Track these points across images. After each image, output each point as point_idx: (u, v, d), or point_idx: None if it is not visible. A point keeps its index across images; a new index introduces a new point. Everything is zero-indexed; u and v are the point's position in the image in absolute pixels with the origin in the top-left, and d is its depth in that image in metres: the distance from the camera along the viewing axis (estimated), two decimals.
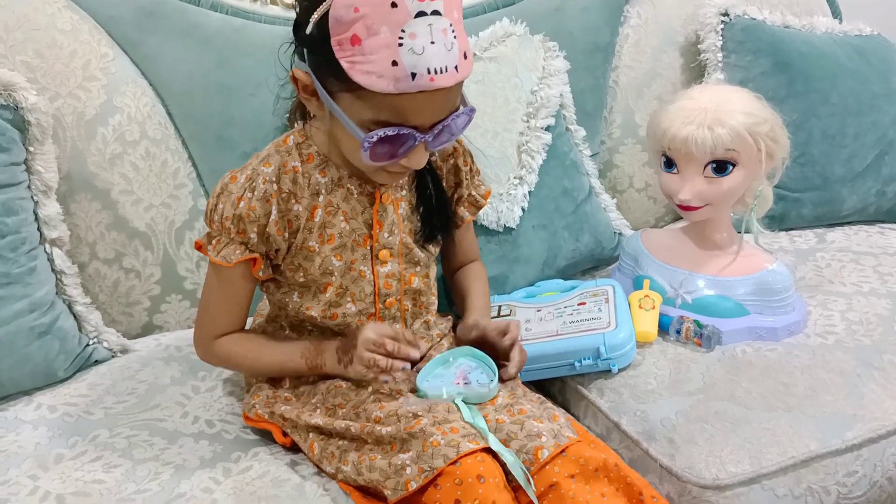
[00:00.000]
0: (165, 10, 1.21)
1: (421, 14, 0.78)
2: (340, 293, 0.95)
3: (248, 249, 0.91)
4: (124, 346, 1.16)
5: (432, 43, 0.78)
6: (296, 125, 0.99)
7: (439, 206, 1.00)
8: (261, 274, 0.93)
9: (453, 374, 0.93)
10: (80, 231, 1.15)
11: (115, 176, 1.16)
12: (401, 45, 0.77)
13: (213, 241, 0.91)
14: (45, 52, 1.12)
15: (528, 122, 1.32)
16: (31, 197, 1.07)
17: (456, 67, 0.80)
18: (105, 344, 1.13)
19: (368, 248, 0.95)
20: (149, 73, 1.20)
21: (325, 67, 0.83)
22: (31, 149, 1.06)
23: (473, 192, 1.06)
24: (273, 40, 1.23)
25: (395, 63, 0.77)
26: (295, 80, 0.88)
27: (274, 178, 0.90)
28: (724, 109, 1.10)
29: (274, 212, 0.90)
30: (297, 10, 0.87)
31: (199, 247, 0.93)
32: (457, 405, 0.87)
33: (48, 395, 1.06)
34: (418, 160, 0.86)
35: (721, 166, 1.11)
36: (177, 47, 1.21)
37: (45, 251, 1.08)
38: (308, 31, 0.82)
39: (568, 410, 1.10)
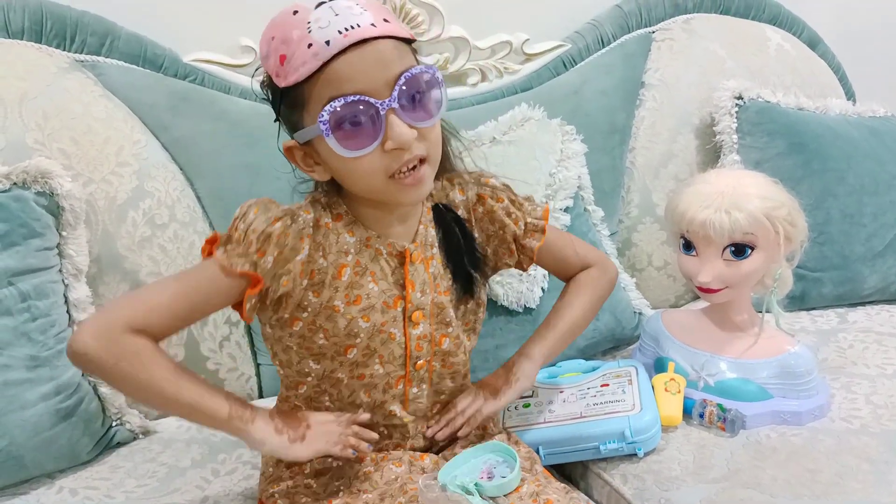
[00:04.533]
0: (198, 97, 1.26)
1: (320, 4, 0.81)
2: (367, 354, 0.92)
3: (255, 269, 0.84)
4: (146, 427, 1.16)
5: (336, 15, 0.80)
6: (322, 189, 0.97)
7: (469, 255, 0.97)
8: (248, 305, 0.85)
9: (479, 469, 0.93)
10: None
11: (144, 258, 1.19)
12: (309, 31, 0.79)
13: (228, 247, 0.84)
14: (81, 139, 1.16)
15: (546, 203, 1.34)
16: (62, 280, 1.09)
17: (373, 24, 0.80)
18: (127, 426, 1.14)
19: (400, 309, 0.93)
20: (179, 156, 1.24)
21: (288, 112, 0.85)
22: (63, 233, 1.09)
23: (529, 220, 1.01)
24: None
25: (309, 45, 0.79)
26: (290, 154, 0.89)
27: (312, 224, 0.88)
28: (741, 193, 1.12)
29: (305, 252, 0.86)
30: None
31: (212, 240, 0.85)
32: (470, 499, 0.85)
33: (70, 479, 1.06)
34: (400, 133, 0.81)
35: (740, 249, 1.12)
36: (208, 131, 1.25)
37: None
38: (271, 99, 0.87)
39: (590, 497, 1.09)
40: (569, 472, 1.14)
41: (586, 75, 1.51)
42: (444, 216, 0.96)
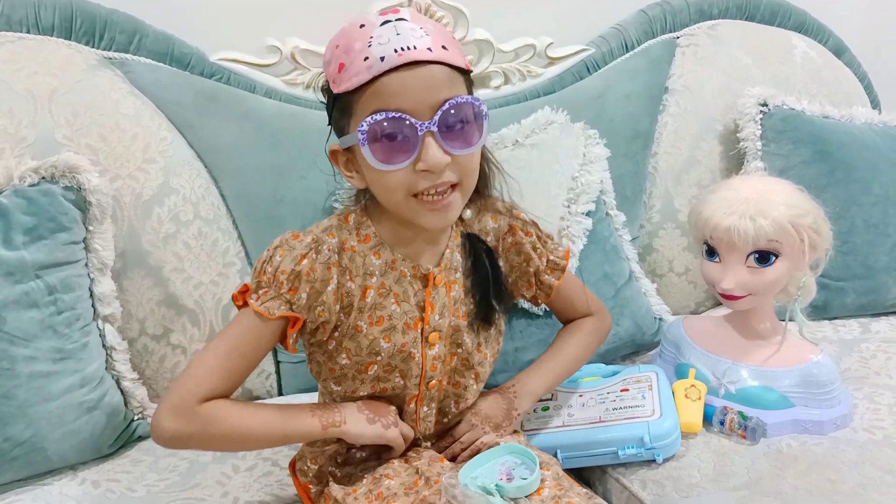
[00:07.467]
0: (224, 96, 1.27)
1: (386, 23, 0.83)
2: (388, 370, 0.94)
3: (291, 309, 0.88)
4: None
5: (397, 34, 0.81)
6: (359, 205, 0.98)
7: (496, 287, 0.99)
8: (291, 340, 0.89)
9: (497, 471, 0.93)
10: (132, 307, 1.18)
11: (168, 254, 1.20)
12: (370, 45, 0.81)
13: (260, 292, 0.88)
14: (109, 135, 1.17)
15: (568, 207, 1.34)
16: (88, 274, 1.10)
17: (429, 49, 0.82)
18: (149, 420, 1.15)
19: (419, 330, 0.94)
20: (205, 154, 1.25)
21: (337, 116, 0.87)
22: (90, 228, 1.10)
23: (552, 258, 1.05)
24: (323, 126, 1.28)
25: (366, 58, 0.81)
26: (334, 157, 0.91)
27: (336, 250, 0.90)
28: (767, 200, 1.11)
29: (334, 281, 0.89)
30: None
31: (243, 291, 0.89)
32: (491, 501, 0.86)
33: (92, 471, 1.07)
34: (433, 156, 0.82)
35: (764, 257, 1.12)
36: (233, 130, 1.26)
37: (98, 327, 1.11)
38: (326, 102, 0.90)
39: (609, 502, 1.09)
40: (587, 476, 1.13)
41: (610, 80, 1.51)
42: (477, 246, 0.98)
